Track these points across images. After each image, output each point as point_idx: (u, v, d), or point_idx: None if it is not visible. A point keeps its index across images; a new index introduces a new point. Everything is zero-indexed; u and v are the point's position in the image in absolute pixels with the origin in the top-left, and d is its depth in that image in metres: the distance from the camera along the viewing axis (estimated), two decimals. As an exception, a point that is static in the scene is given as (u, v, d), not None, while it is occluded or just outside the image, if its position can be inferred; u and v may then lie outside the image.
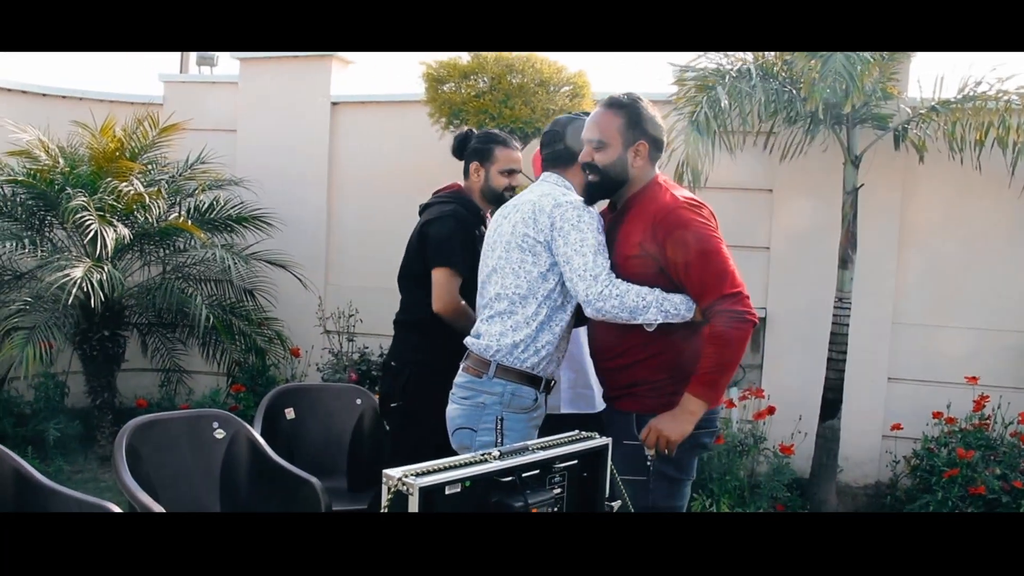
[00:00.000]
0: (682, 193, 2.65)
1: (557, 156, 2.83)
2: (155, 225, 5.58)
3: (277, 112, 6.42)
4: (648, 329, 2.56)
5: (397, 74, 11.85)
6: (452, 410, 2.78)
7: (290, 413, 4.08)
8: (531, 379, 2.71)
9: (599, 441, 2.25)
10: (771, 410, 5.14)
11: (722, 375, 2.50)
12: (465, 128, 3.56)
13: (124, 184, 5.37)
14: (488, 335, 2.74)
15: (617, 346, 2.66)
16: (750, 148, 5.33)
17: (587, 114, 2.81)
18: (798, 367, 5.42)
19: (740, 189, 5.53)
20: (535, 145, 5.37)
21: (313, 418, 4.16)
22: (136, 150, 5.79)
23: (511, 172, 3.33)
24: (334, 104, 6.35)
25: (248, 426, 3.59)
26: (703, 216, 2.57)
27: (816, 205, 5.41)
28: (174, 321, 5.95)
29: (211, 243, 5.73)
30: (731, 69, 4.92)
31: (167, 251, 5.93)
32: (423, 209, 3.41)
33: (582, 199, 2.72)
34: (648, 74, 13.10)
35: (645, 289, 2.55)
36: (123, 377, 5.94)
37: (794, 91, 4.85)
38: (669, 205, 2.57)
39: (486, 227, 3.24)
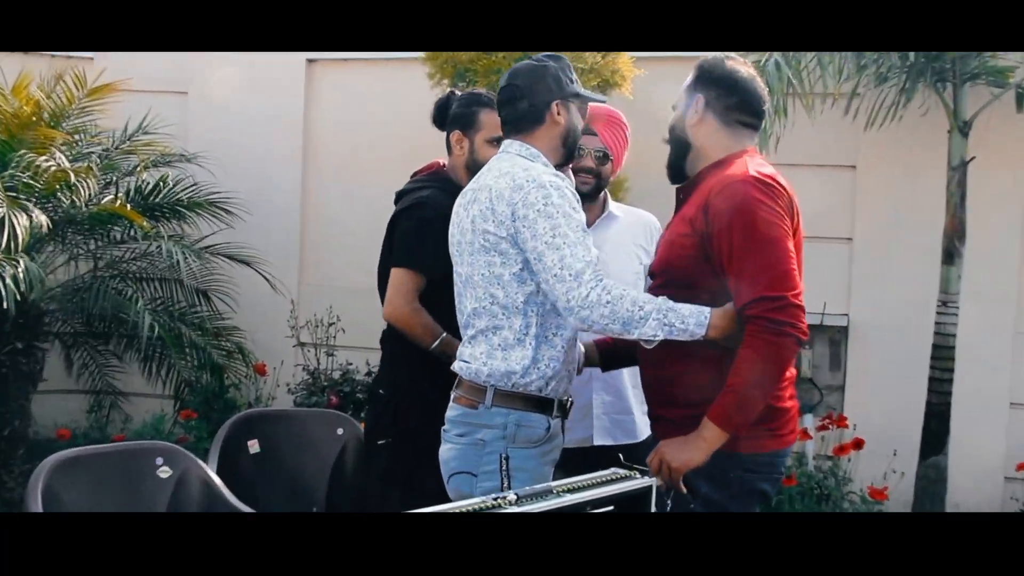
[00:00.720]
0: (761, 169, 2.62)
1: (519, 117, 2.80)
2: (84, 210, 5.46)
3: (239, 70, 6.29)
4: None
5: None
6: (445, 451, 2.78)
7: (254, 446, 3.98)
8: (540, 403, 2.71)
9: (641, 482, 2.24)
10: (857, 443, 5.11)
11: (745, 399, 2.49)
12: (448, 90, 3.54)
13: (43, 158, 5.28)
14: (475, 358, 2.74)
15: (661, 348, 2.63)
16: (828, 113, 5.23)
17: (553, 57, 2.84)
18: (891, 389, 5.39)
19: (815, 166, 5.49)
20: None
21: (283, 452, 4.06)
22: (58, 115, 5.72)
23: (501, 140, 3.26)
24: (310, 61, 6.33)
25: (201, 462, 3.53)
26: (772, 200, 2.54)
27: (913, 184, 5.38)
28: (107, 330, 5.89)
29: (156, 233, 5.68)
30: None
31: (100, 243, 5.86)
32: (399, 197, 3.42)
33: (553, 172, 2.71)
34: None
35: (644, 296, 2.56)
36: (40, 400, 5.85)
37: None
38: (732, 177, 2.58)
39: None
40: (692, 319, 2.52)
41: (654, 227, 3.45)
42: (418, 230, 3.19)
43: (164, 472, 3.41)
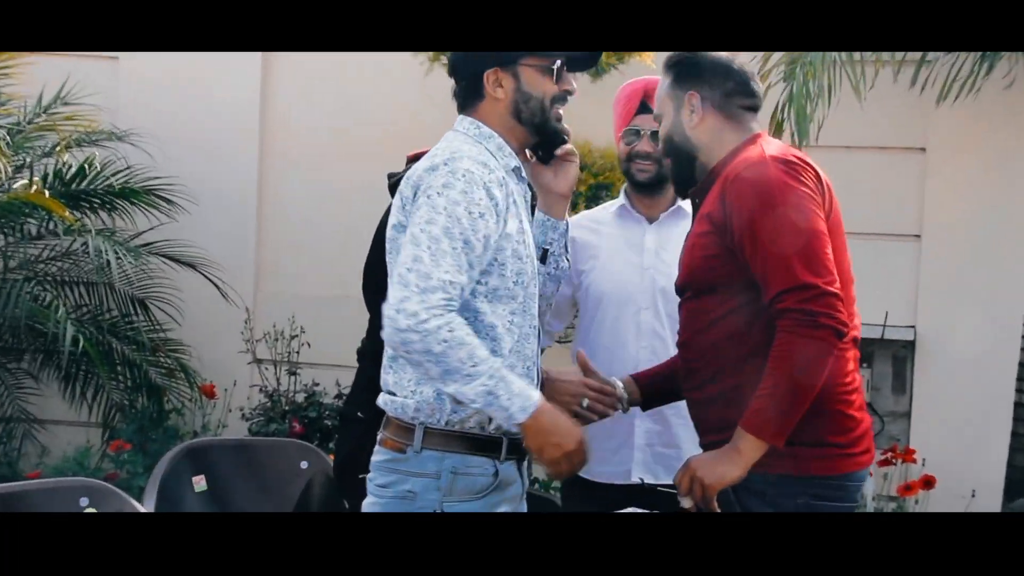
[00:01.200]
0: (780, 149, 2.78)
1: (460, 92, 2.84)
2: (-10, 199, 5.48)
3: (182, 32, 6.31)
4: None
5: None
6: (368, 506, 2.77)
7: (200, 482, 3.95)
8: (482, 444, 2.69)
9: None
10: (927, 481, 5.13)
11: (779, 404, 2.58)
12: None
13: (-64, 136, 5.35)
14: (401, 387, 2.71)
15: (703, 367, 2.76)
16: (889, 85, 5.25)
17: None
18: (968, 416, 5.39)
19: (875, 148, 5.57)
20: (605, 89, 5.37)
21: (236, 490, 4.04)
22: (-46, 81, 5.73)
23: None
24: None
25: (135, 503, 3.50)
26: (796, 178, 2.67)
27: (995, 170, 5.43)
28: (19, 344, 5.91)
29: (81, 227, 5.65)
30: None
31: (10, 238, 5.87)
32: (395, 183, 3.24)
33: (487, 160, 2.69)
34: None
35: (484, 353, 2.53)
36: (-62, 429, 5.94)
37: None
38: (748, 159, 2.73)
39: None
40: (518, 401, 2.52)
41: None
42: None
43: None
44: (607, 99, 5.51)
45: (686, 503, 2.70)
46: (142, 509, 3.55)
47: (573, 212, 4.91)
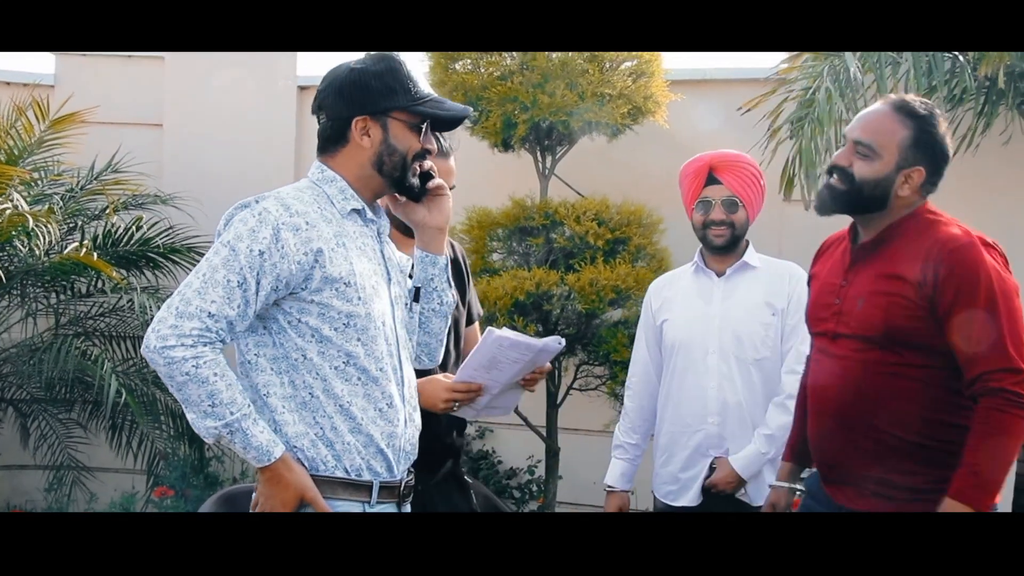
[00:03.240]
0: (972, 230, 2.84)
1: (320, 133, 2.65)
2: (44, 259, 5.51)
3: (221, 99, 6.41)
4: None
5: (387, 47, 12.08)
6: None
7: None
8: (349, 487, 2.52)
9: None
10: None
11: (996, 473, 2.64)
12: None
13: (-2, 199, 5.28)
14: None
15: (863, 416, 2.80)
16: None
17: (384, 57, 2.64)
18: None
19: None
20: (621, 149, 5.32)
21: None
22: (16, 151, 5.73)
23: None
24: (302, 88, 6.40)
25: None
26: (1007, 266, 2.78)
27: (995, 224, 5.19)
28: (69, 396, 5.88)
29: (127, 285, 5.69)
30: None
31: (62, 296, 5.87)
32: None
33: (298, 203, 2.51)
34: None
35: (233, 396, 2.39)
36: (-8, 476, 5.94)
37: (960, 57, 4.80)
38: (960, 238, 2.77)
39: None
40: (254, 452, 2.41)
41: (794, 278, 3.66)
42: None
43: (136, 558, 3.38)
44: (622, 159, 5.62)
45: None
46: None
47: (592, 267, 5.02)
